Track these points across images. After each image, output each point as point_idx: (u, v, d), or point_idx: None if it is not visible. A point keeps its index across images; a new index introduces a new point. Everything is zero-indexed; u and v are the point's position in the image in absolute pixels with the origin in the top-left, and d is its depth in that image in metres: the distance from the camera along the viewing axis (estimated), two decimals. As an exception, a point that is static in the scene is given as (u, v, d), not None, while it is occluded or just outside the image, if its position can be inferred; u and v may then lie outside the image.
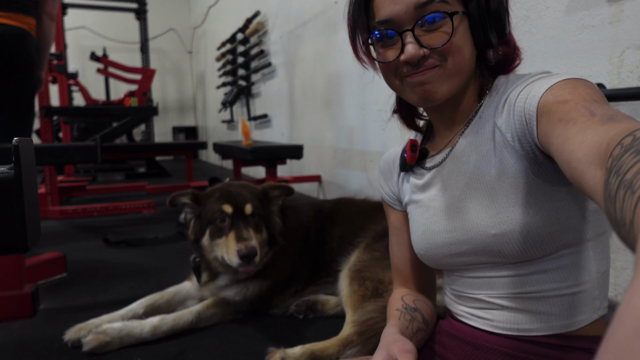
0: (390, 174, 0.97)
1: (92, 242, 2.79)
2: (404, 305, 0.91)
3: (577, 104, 0.59)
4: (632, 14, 1.52)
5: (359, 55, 0.84)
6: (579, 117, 0.56)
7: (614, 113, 0.53)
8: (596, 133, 0.50)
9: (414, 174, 0.89)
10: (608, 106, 0.58)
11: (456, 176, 0.81)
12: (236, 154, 3.41)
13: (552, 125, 0.61)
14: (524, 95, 0.69)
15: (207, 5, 8.31)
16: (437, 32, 0.72)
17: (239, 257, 1.46)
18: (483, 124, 0.78)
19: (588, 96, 0.60)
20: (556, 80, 0.65)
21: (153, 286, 1.93)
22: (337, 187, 3.83)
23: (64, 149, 1.93)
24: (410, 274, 0.98)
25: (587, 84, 0.64)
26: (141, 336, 1.44)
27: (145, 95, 6.14)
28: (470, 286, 0.82)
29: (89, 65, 8.29)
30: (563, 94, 0.62)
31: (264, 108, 5.61)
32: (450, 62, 0.73)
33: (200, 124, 10.09)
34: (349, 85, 3.48)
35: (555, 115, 0.60)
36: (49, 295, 1.87)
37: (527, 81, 0.72)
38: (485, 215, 0.75)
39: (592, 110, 0.55)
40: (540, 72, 0.73)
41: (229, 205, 1.55)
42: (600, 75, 1.63)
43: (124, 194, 4.77)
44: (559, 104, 0.61)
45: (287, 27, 4.62)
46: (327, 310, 1.63)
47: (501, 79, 0.80)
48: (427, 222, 0.85)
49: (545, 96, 0.64)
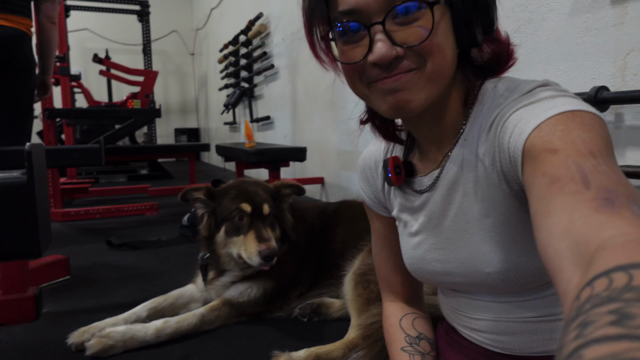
0: (373, 179, 0.89)
1: (94, 244, 2.79)
2: (407, 340, 0.86)
3: (568, 157, 0.47)
4: (636, 16, 1.51)
5: (316, 53, 0.71)
6: (568, 181, 0.45)
7: (612, 187, 0.42)
8: (586, 222, 0.40)
9: (403, 192, 0.82)
10: (606, 161, 0.46)
11: (444, 209, 0.74)
12: (239, 156, 3.41)
13: (535, 180, 0.50)
14: (510, 127, 0.58)
15: (210, 7, 8.33)
16: (413, 26, 0.59)
17: (261, 258, 1.47)
18: (468, 149, 0.68)
19: (583, 145, 0.48)
20: (547, 116, 0.53)
21: (156, 289, 1.92)
22: (340, 189, 3.83)
23: (68, 152, 1.93)
24: (399, 282, 0.94)
25: (584, 124, 0.51)
26: (145, 339, 1.43)
27: (147, 97, 6.15)
28: (466, 306, 0.79)
29: (91, 67, 8.31)
30: (552, 140, 0.50)
31: (267, 110, 5.62)
32: (429, 65, 0.60)
33: (203, 126, 10.10)
34: (349, 89, 3.47)
35: (540, 167, 0.50)
36: (52, 298, 1.87)
37: (516, 103, 0.59)
38: (477, 254, 0.70)
39: (585, 175, 0.45)
40: (535, 85, 0.61)
41: (247, 205, 1.56)
42: (604, 78, 1.62)
43: (127, 196, 4.78)
44: (547, 153, 0.50)
45: (290, 29, 4.63)
46: (332, 313, 1.63)
47: (489, 85, 0.69)
48: (416, 248, 0.80)
49: (532, 138, 0.53)
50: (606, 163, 0.46)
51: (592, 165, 0.45)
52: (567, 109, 0.53)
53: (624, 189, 0.42)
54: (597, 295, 0.29)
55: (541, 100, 0.57)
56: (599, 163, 0.46)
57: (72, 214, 3.60)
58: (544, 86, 0.61)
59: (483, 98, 0.68)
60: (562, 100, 0.55)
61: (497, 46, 0.69)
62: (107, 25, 9.14)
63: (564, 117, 0.52)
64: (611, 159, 0.48)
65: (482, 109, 0.67)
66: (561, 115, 0.52)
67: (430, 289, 1.47)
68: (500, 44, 0.69)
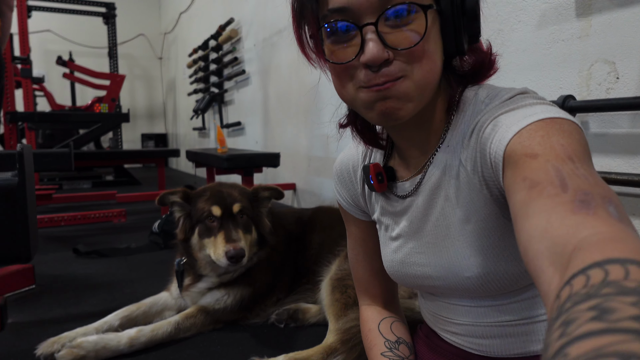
0: (352, 183, 0.89)
1: (60, 252, 2.70)
2: (387, 345, 0.87)
3: (547, 161, 0.49)
4: (600, 29, 1.59)
5: (305, 51, 0.70)
6: (546, 185, 0.46)
7: (589, 189, 0.44)
8: (563, 224, 0.41)
9: (384, 196, 0.82)
10: (584, 165, 0.48)
11: (426, 214, 0.75)
12: (211, 161, 3.37)
13: (515, 184, 0.51)
14: (489, 132, 0.59)
15: (179, 11, 8.23)
16: (404, 30, 0.58)
17: (227, 258, 1.47)
18: (451, 155, 0.69)
19: (562, 150, 0.49)
20: (527, 123, 0.54)
21: (127, 298, 1.88)
22: (312, 195, 3.84)
23: (36, 156, 1.86)
24: (376, 285, 0.94)
25: (563, 130, 0.52)
26: (118, 349, 1.39)
27: (114, 102, 6.02)
28: (445, 310, 0.81)
29: (53, 69, 8.06)
30: (532, 145, 0.51)
31: (238, 116, 5.58)
32: (417, 72, 0.60)
33: (171, 131, 9.93)
34: (324, 93, 3.50)
35: (520, 171, 0.51)
36: (17, 309, 1.80)
37: (497, 109, 0.61)
38: (457, 258, 0.71)
39: (564, 178, 0.46)
40: (515, 93, 0.63)
41: (218, 207, 1.56)
42: (571, 88, 1.69)
43: (93, 202, 4.64)
44: (527, 158, 0.51)
45: (261, 34, 4.62)
46: (308, 318, 1.63)
47: (470, 92, 0.70)
48: (397, 251, 0.81)
49: (513, 143, 0.54)
50: (584, 167, 0.48)
51: (570, 169, 0.47)
52: (546, 116, 0.54)
53: (600, 190, 0.44)
54: (577, 293, 0.30)
55: (521, 107, 0.58)
56: (577, 167, 0.47)
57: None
58: (524, 94, 0.63)
59: (464, 105, 0.69)
60: (542, 108, 0.57)
61: (478, 56, 0.70)
62: (71, 27, 8.89)
63: (543, 123, 0.53)
64: (589, 163, 0.50)
65: (464, 116, 0.68)
66: (541, 121, 0.54)
67: (407, 293, 1.49)
68: (481, 53, 0.70)
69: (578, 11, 1.65)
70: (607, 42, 1.58)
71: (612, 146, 1.59)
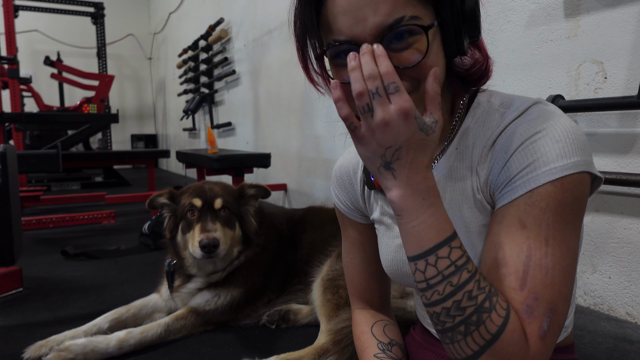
0: (351, 185, 0.89)
1: (48, 255, 2.67)
2: (380, 347, 0.87)
3: (527, 238, 0.59)
4: (588, 29, 1.60)
5: (310, 77, 0.73)
6: (511, 273, 0.59)
7: (540, 292, 0.57)
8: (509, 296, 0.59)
9: (384, 196, 0.82)
10: (557, 248, 0.59)
11: None
12: (202, 162, 3.35)
13: (494, 235, 0.62)
14: (516, 167, 0.62)
15: (168, 11, 8.18)
16: (406, 50, 0.60)
17: (200, 248, 1.46)
18: (460, 159, 0.71)
19: (546, 231, 0.59)
20: (542, 182, 0.60)
21: (117, 300, 1.86)
22: (303, 195, 3.83)
23: (23, 157, 1.84)
24: (372, 289, 0.94)
25: (562, 203, 0.60)
26: (107, 351, 1.38)
27: (103, 102, 5.97)
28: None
29: (41, 70, 7.98)
30: (528, 216, 0.60)
31: (228, 116, 5.56)
32: (423, 86, 0.61)
33: (161, 132, 9.87)
34: (315, 94, 3.49)
35: (508, 229, 0.61)
36: (4, 312, 1.77)
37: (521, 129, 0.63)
38: None
39: (527, 273, 0.58)
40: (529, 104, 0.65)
41: (198, 199, 1.56)
42: (559, 87, 1.70)
43: (82, 204, 4.59)
44: (518, 224, 0.60)
45: (251, 35, 4.61)
46: (300, 319, 1.62)
47: (482, 98, 0.71)
48: (397, 250, 0.81)
49: (523, 199, 0.61)
50: (554, 252, 0.59)
51: (539, 257, 0.58)
52: (559, 175, 0.60)
53: (550, 294, 0.57)
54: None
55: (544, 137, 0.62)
56: (547, 254, 0.59)
57: (24, 224, 3.42)
58: (537, 104, 0.66)
59: (476, 111, 0.71)
60: (561, 149, 0.60)
61: (479, 54, 0.71)
62: (59, 27, 8.81)
63: (552, 189, 0.60)
64: (565, 237, 0.60)
65: (475, 121, 0.70)
66: (552, 185, 0.60)
67: (398, 292, 1.49)
68: (482, 52, 0.72)
69: (566, 11, 1.67)
70: (595, 42, 1.59)
71: (600, 145, 1.60)
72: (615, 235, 1.59)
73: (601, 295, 1.66)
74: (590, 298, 1.69)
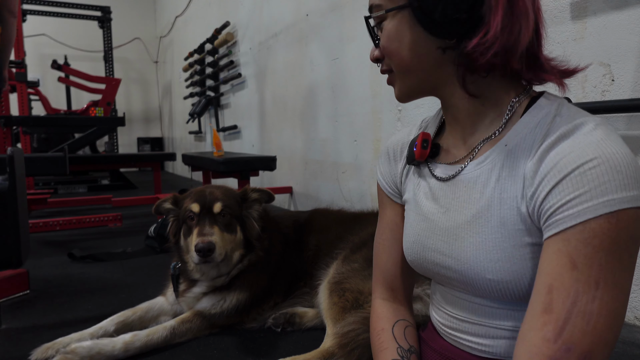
0: (396, 162, 0.91)
1: (55, 257, 2.68)
2: (399, 352, 0.85)
3: (577, 282, 0.57)
4: (595, 31, 1.59)
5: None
6: (551, 321, 0.57)
7: (576, 342, 0.56)
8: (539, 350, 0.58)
9: (421, 175, 0.84)
10: (605, 292, 0.57)
11: (465, 202, 0.74)
12: (207, 165, 3.36)
13: (544, 275, 0.60)
14: (562, 193, 0.60)
15: (174, 15, 8.23)
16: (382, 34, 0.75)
17: (196, 252, 1.46)
18: (511, 158, 0.69)
19: (597, 272, 0.57)
20: (594, 215, 0.57)
21: (123, 303, 1.86)
22: (309, 198, 3.83)
23: (30, 160, 1.85)
24: (398, 275, 0.93)
25: (616, 240, 0.57)
26: (113, 354, 1.38)
27: (110, 105, 6.00)
28: (452, 304, 0.80)
29: (48, 73, 8.05)
30: (579, 255, 0.57)
31: (234, 119, 5.57)
32: (393, 65, 0.75)
33: (167, 135, 9.91)
34: (321, 97, 3.49)
35: (557, 269, 0.59)
36: (11, 314, 1.78)
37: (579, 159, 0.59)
38: (483, 258, 0.70)
39: (566, 322, 0.57)
40: (591, 128, 0.62)
41: (196, 204, 1.56)
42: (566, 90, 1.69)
43: (88, 207, 4.62)
44: (568, 264, 0.58)
45: (257, 38, 4.62)
46: (305, 322, 1.62)
47: (544, 101, 0.70)
48: (421, 233, 0.81)
49: (573, 232, 0.58)
50: (602, 296, 0.57)
51: (585, 302, 0.56)
52: (617, 208, 0.57)
53: (588, 342, 0.56)
54: None
55: (602, 166, 0.58)
56: (595, 298, 0.56)
57: (31, 226, 3.44)
58: (599, 124, 0.63)
59: (537, 112, 0.69)
60: (621, 180, 0.57)
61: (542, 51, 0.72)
62: (66, 30, 8.88)
63: (605, 224, 0.57)
64: (618, 279, 0.57)
65: (531, 122, 0.68)
66: (607, 220, 0.57)
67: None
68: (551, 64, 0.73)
69: (573, 14, 1.66)
70: (602, 44, 1.58)
71: (608, 148, 1.59)
72: (624, 238, 1.57)
73: (609, 299, 1.64)
74: (598, 302, 1.68)
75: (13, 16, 2.29)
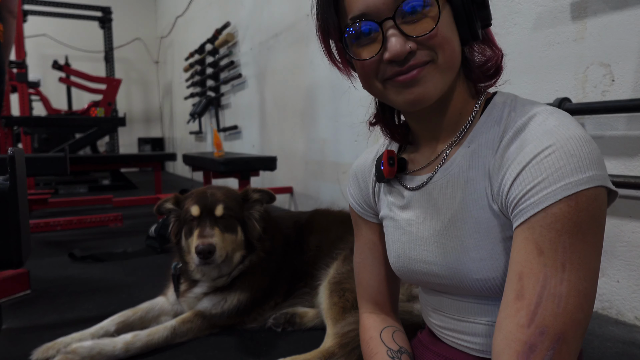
0: (365, 183, 0.91)
1: (56, 257, 2.68)
2: (389, 354, 0.86)
3: (544, 266, 0.58)
4: (595, 32, 1.59)
5: (333, 60, 0.76)
6: (523, 307, 0.58)
7: (549, 324, 0.57)
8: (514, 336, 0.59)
9: (393, 190, 0.84)
10: (572, 273, 0.57)
11: (439, 208, 0.75)
12: (208, 165, 3.36)
13: (515, 264, 0.61)
14: (524, 182, 0.61)
15: (175, 15, 8.23)
16: (420, 21, 0.63)
17: (196, 254, 1.46)
18: (475, 158, 0.70)
19: (562, 254, 0.58)
20: (555, 199, 0.58)
21: (123, 303, 1.86)
22: (309, 198, 3.83)
23: (31, 161, 1.85)
24: (382, 292, 0.94)
25: (578, 222, 0.58)
26: (113, 354, 1.38)
27: (110, 106, 6.01)
28: (447, 306, 0.81)
29: (49, 74, 8.05)
30: (544, 240, 0.58)
31: (234, 119, 5.58)
32: (441, 56, 0.64)
33: (167, 135, 9.92)
34: (321, 97, 3.50)
35: (526, 256, 0.60)
36: (12, 314, 1.78)
37: (535, 149, 0.61)
38: (466, 260, 0.71)
39: (538, 306, 0.58)
40: (549, 122, 0.62)
41: (197, 205, 1.56)
42: (566, 90, 1.70)
43: (89, 207, 4.62)
44: (535, 250, 0.59)
45: (257, 38, 4.63)
46: (306, 322, 1.62)
47: (499, 99, 0.72)
48: (403, 247, 0.81)
49: (537, 220, 0.59)
50: (570, 277, 0.58)
51: (554, 285, 0.57)
52: (575, 190, 0.58)
53: (560, 323, 0.57)
54: None
55: (556, 153, 0.59)
56: (563, 280, 0.58)
57: (31, 226, 3.45)
58: (551, 112, 0.64)
59: (492, 111, 0.71)
60: (575, 163, 0.58)
61: (490, 51, 0.72)
62: (67, 31, 8.88)
63: (565, 207, 0.58)
64: (584, 259, 0.58)
65: (489, 121, 0.70)
66: (565, 203, 0.58)
67: (405, 296, 1.49)
68: (494, 46, 0.73)
69: (573, 14, 1.66)
70: (602, 44, 1.58)
71: (608, 148, 1.59)
72: (624, 238, 1.57)
73: (610, 300, 1.64)
74: (598, 302, 1.68)
75: (13, 16, 2.30)
